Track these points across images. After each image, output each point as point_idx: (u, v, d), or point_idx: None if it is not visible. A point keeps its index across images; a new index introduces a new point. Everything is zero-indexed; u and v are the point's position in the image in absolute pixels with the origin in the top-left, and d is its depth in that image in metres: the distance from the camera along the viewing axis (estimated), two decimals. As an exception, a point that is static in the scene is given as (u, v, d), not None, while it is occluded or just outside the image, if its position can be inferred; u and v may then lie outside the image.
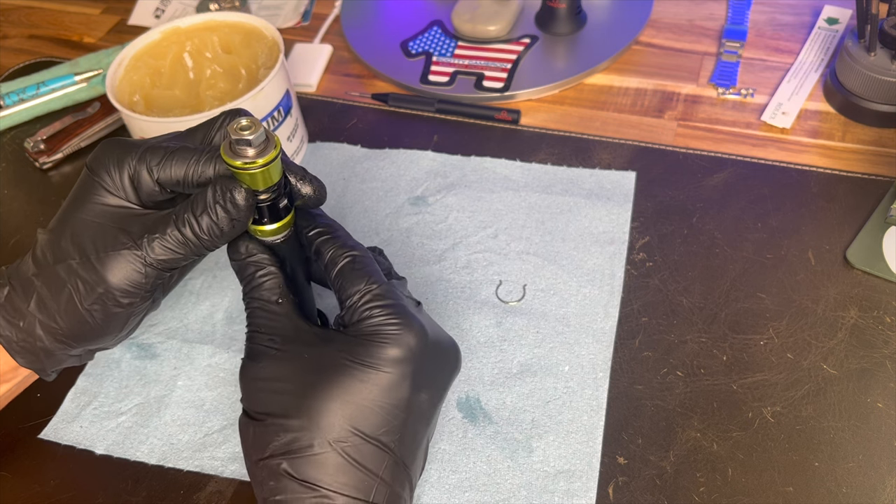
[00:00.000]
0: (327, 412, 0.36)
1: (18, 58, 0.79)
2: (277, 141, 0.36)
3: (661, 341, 0.51)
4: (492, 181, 0.61)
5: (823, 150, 0.62)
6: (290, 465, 0.36)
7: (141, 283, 0.38)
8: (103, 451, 0.48)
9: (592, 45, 0.71)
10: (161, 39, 0.62)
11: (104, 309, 0.39)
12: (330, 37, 0.77)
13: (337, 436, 0.36)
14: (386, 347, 0.37)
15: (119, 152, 0.39)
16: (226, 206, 0.37)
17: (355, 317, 0.38)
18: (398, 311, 0.38)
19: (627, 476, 0.45)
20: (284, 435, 0.36)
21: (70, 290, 0.38)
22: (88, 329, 0.39)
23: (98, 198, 0.39)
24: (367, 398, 0.36)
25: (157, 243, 0.38)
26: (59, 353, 0.40)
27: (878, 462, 0.44)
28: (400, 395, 0.37)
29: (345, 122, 0.68)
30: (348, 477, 0.36)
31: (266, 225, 0.39)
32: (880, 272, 0.52)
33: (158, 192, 0.39)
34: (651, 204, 0.58)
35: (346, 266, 0.39)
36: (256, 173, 0.36)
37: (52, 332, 0.39)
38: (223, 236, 0.38)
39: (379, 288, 0.38)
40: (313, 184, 0.39)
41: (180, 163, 0.38)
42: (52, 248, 0.39)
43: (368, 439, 0.36)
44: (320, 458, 0.36)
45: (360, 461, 0.36)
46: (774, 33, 0.72)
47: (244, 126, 0.35)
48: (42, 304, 0.39)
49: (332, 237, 0.40)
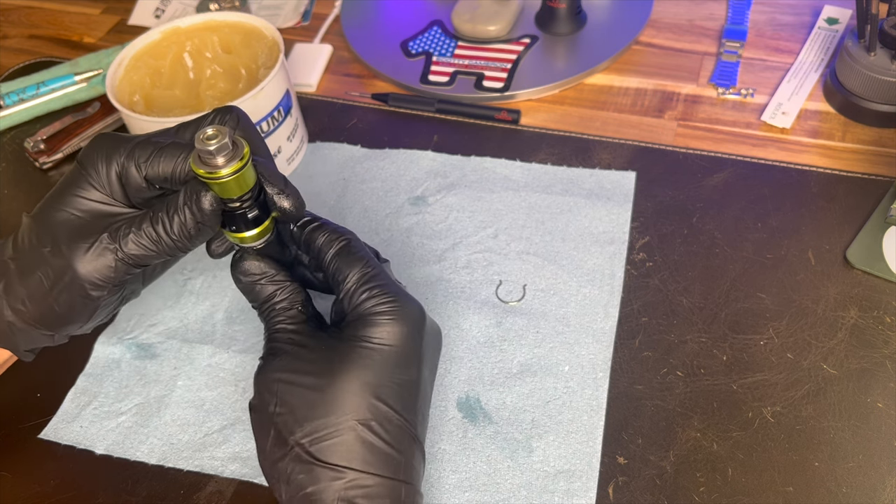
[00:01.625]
0: (349, 393, 0.36)
1: (18, 58, 0.79)
2: (246, 153, 0.36)
3: (661, 341, 0.51)
4: (492, 181, 0.61)
5: (823, 150, 0.62)
6: (319, 450, 0.36)
7: (110, 276, 0.39)
8: (103, 451, 0.48)
9: (592, 45, 0.71)
10: (161, 39, 0.62)
11: (70, 298, 0.39)
12: (330, 37, 0.77)
13: (362, 415, 0.36)
14: (391, 324, 0.37)
15: (108, 148, 0.39)
16: (192, 209, 0.37)
17: (355, 299, 0.38)
18: (395, 290, 0.39)
19: (627, 476, 0.45)
20: (308, 424, 0.36)
21: (40, 277, 0.39)
22: (54, 315, 0.40)
23: (81, 191, 0.39)
24: (384, 376, 0.37)
25: (132, 238, 0.38)
26: (31, 333, 0.41)
27: (878, 462, 0.44)
28: (411, 371, 0.38)
29: (345, 122, 0.68)
30: (376, 456, 0.36)
31: (237, 233, 0.39)
32: (880, 272, 0.52)
33: (146, 188, 0.39)
34: (651, 204, 0.58)
35: (341, 249, 0.39)
36: (223, 182, 0.36)
37: (18, 314, 0.40)
38: (193, 238, 0.38)
39: (374, 270, 0.39)
40: (292, 198, 0.39)
41: (168, 159, 0.38)
42: (30, 234, 0.40)
43: (392, 416, 0.37)
44: (348, 438, 0.36)
45: (386, 438, 0.37)
46: (774, 33, 0.72)
47: (210, 136, 0.35)
48: (10, 287, 0.39)
49: (321, 224, 0.40)
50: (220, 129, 0.35)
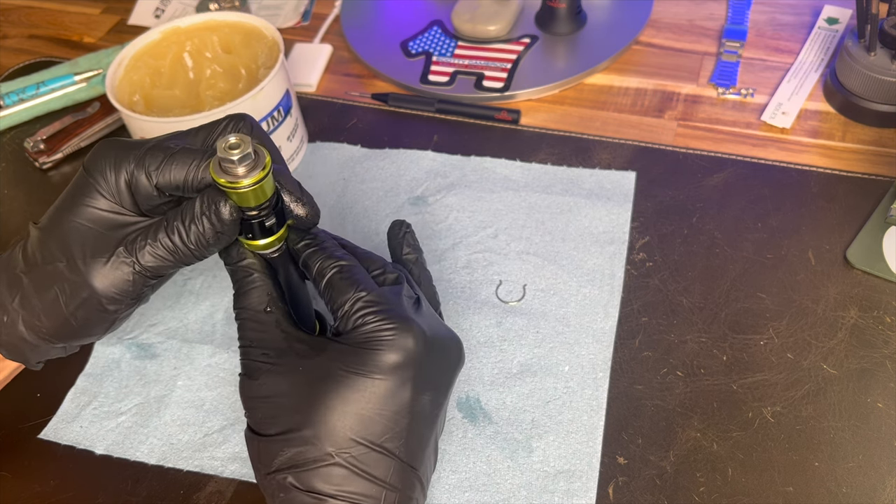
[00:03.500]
0: (328, 424, 0.36)
1: (18, 58, 0.79)
2: (268, 162, 0.35)
3: (661, 341, 0.51)
4: (492, 181, 0.61)
5: (823, 150, 0.62)
6: (297, 478, 0.36)
7: (128, 290, 0.38)
8: (103, 451, 0.48)
9: (592, 45, 0.71)
10: (161, 39, 0.62)
11: (88, 313, 0.39)
12: (330, 37, 0.77)
13: (340, 447, 0.36)
14: (381, 354, 0.36)
15: (116, 155, 0.38)
16: (211, 219, 0.36)
17: (349, 325, 0.37)
18: (392, 315, 0.37)
19: (627, 476, 0.45)
20: (288, 449, 0.36)
21: (56, 292, 0.38)
22: (71, 329, 0.39)
23: (91, 200, 0.38)
24: (367, 407, 0.36)
25: (148, 250, 0.37)
26: (43, 347, 0.40)
27: (878, 462, 0.44)
28: (401, 401, 0.37)
29: (345, 122, 0.68)
30: (355, 486, 0.36)
31: (253, 240, 0.38)
32: (880, 272, 0.52)
33: (157, 196, 0.38)
34: (651, 204, 0.58)
35: (333, 277, 0.38)
36: (244, 192, 0.35)
37: (34, 329, 0.39)
38: (210, 247, 0.38)
39: (369, 295, 0.37)
40: (307, 206, 0.38)
41: (180, 167, 0.37)
42: (41, 247, 0.39)
43: (372, 447, 0.36)
44: (325, 469, 0.36)
45: (366, 470, 0.36)
46: (774, 33, 0.72)
47: (232, 144, 0.34)
48: (26, 302, 0.39)
49: (318, 249, 0.39)
50: (242, 138, 0.34)
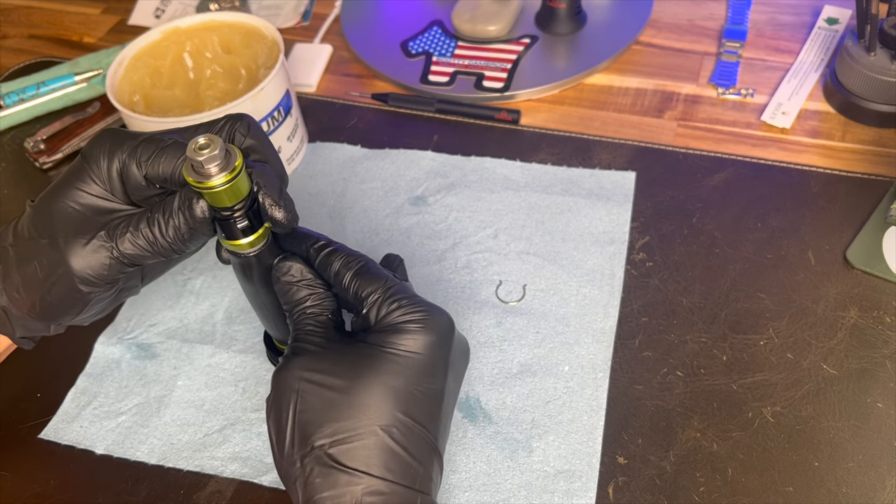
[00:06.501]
0: (373, 397, 0.36)
1: (18, 58, 0.79)
2: (238, 164, 0.35)
3: (661, 341, 0.51)
4: (492, 181, 0.61)
5: (823, 150, 0.62)
6: (339, 453, 0.35)
7: (103, 273, 0.39)
8: (103, 451, 0.48)
9: (592, 45, 0.71)
10: (161, 39, 0.62)
11: (62, 291, 0.39)
12: (330, 37, 0.77)
13: (385, 421, 0.36)
14: (419, 333, 0.37)
15: (112, 143, 0.39)
16: (185, 214, 0.37)
17: (382, 311, 0.38)
18: (423, 302, 0.38)
19: (627, 476, 0.45)
20: (330, 425, 0.36)
21: (35, 267, 0.39)
22: (46, 306, 0.40)
23: (83, 185, 0.39)
24: (409, 383, 0.37)
25: (128, 238, 0.38)
26: (26, 321, 0.41)
27: (878, 462, 0.44)
28: (437, 381, 0.38)
29: (345, 122, 0.68)
30: (396, 463, 0.36)
31: (228, 240, 0.38)
32: (880, 272, 0.52)
33: (146, 186, 0.39)
34: (651, 204, 0.58)
35: (361, 269, 0.39)
36: (215, 192, 0.35)
37: (14, 302, 0.40)
38: (187, 242, 0.38)
39: (398, 285, 0.39)
40: (285, 210, 0.38)
41: (169, 160, 0.38)
42: (30, 223, 0.40)
43: (414, 424, 0.36)
44: (369, 443, 0.36)
45: (407, 447, 0.36)
46: (774, 33, 0.72)
47: (202, 145, 0.34)
48: (7, 274, 0.40)
49: (336, 248, 0.40)
50: (212, 139, 0.34)
